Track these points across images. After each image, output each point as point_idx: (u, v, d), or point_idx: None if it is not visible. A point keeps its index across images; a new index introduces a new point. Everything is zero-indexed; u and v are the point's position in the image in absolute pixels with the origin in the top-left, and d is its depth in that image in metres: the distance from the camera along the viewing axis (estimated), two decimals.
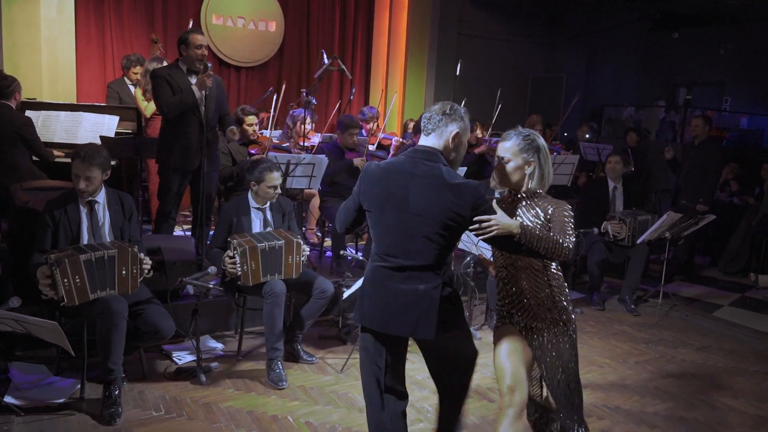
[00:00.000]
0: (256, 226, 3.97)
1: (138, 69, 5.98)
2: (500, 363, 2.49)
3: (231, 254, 3.69)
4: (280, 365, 3.69)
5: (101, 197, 3.43)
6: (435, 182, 2.30)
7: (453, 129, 2.36)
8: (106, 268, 3.20)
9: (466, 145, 2.46)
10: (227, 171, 5.07)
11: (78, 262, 3.10)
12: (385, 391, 2.48)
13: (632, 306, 5.42)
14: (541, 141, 2.47)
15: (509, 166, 2.45)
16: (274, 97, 5.40)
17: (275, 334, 3.66)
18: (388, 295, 2.37)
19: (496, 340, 2.56)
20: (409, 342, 2.52)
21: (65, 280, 3.07)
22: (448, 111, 2.38)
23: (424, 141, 2.41)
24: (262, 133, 5.76)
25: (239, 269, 3.65)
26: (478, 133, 6.62)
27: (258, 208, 3.98)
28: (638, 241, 5.23)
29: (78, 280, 3.11)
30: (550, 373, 2.52)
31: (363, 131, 6.22)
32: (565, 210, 2.42)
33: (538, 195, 2.46)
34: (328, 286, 3.91)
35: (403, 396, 2.55)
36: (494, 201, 2.35)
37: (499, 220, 2.27)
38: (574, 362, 2.53)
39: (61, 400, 3.29)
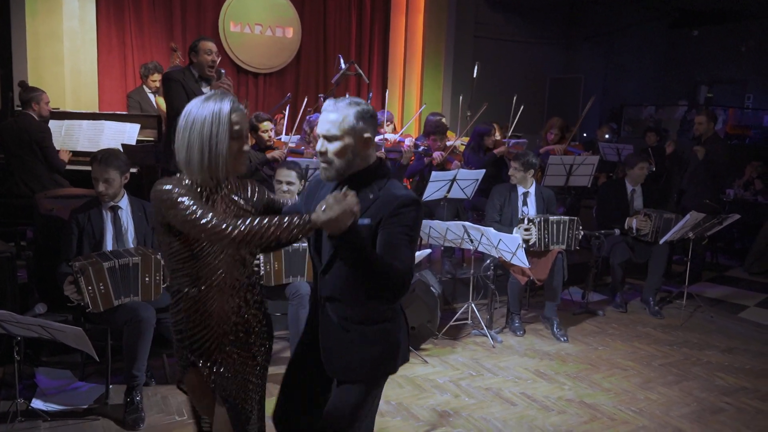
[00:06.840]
0: None
1: (156, 76, 6.06)
2: None
3: None
4: None
5: (124, 203, 3.47)
6: None
7: None
8: (130, 275, 3.24)
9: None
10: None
11: (102, 270, 3.15)
12: None
13: (656, 308, 5.34)
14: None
15: None
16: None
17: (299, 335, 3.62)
18: None
19: None
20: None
21: (89, 288, 3.12)
22: None
23: None
24: (278, 139, 5.79)
25: (262, 269, 3.65)
26: (497, 135, 6.57)
27: None
28: (661, 241, 5.16)
29: (102, 287, 3.15)
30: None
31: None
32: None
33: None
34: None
35: None
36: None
37: None
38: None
39: (86, 405, 3.34)
